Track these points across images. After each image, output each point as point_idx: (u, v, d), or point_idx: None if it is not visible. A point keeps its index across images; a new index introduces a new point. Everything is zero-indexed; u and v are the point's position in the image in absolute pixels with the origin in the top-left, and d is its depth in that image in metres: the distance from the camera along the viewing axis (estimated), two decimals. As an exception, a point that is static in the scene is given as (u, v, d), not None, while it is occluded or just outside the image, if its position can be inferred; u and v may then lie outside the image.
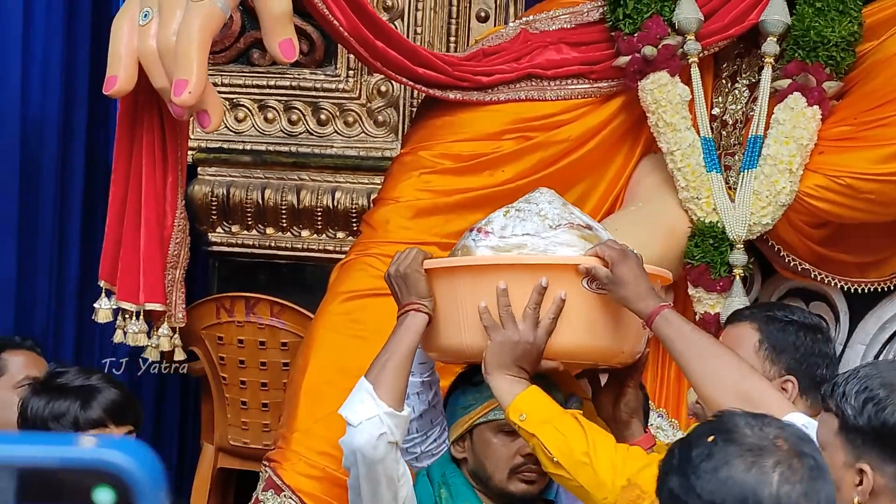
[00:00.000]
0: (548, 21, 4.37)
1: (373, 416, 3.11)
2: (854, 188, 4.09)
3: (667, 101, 4.14)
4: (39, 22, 5.08)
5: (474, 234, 3.36)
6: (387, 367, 3.19)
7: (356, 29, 4.04)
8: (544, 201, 3.33)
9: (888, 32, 4.21)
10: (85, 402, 3.29)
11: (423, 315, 3.24)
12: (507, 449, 3.21)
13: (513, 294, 3.18)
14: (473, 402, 3.27)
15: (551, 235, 3.25)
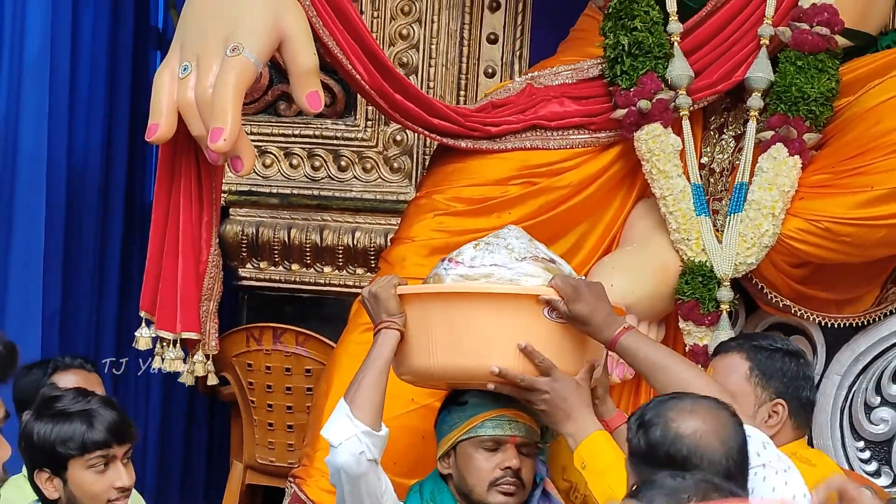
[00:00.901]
0: (551, 76, 4.36)
1: (351, 436, 3.12)
2: (832, 231, 4.07)
3: (660, 150, 4.13)
4: (84, 79, 5.09)
5: (446, 263, 3.38)
6: (362, 386, 3.20)
7: (376, 82, 4.04)
8: (512, 236, 3.36)
9: (863, 89, 4.20)
10: (90, 424, 3.24)
11: (394, 332, 3.26)
12: (487, 463, 3.20)
13: (478, 320, 3.21)
14: (458, 420, 3.26)
15: (517, 266, 3.26)
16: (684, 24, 4.24)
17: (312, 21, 3.86)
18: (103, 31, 5.23)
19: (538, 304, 3.18)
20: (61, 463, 3.20)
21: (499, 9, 5.09)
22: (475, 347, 3.21)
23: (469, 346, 3.22)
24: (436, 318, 3.27)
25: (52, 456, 3.21)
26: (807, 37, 4.15)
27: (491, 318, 3.21)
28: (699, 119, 4.30)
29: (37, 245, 4.70)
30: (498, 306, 3.21)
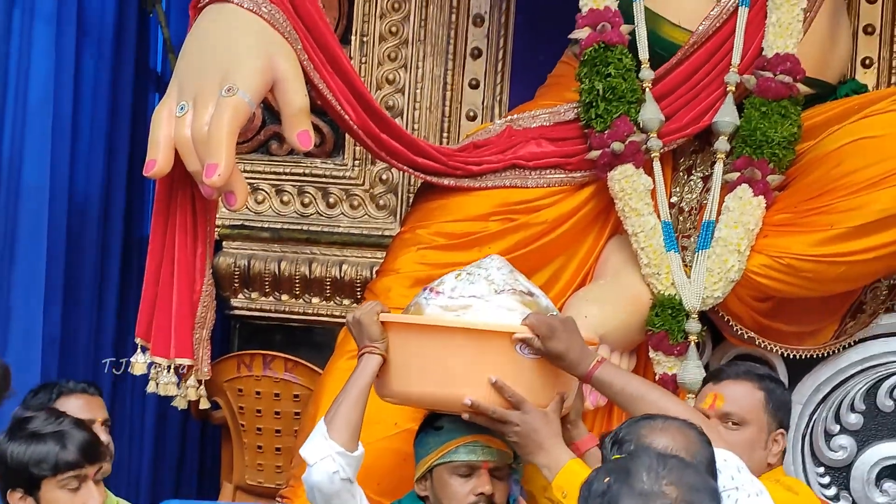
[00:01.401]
0: (529, 119, 4.37)
1: (325, 455, 3.11)
2: (794, 267, 4.07)
3: (632, 189, 4.13)
4: (86, 117, 5.09)
5: (427, 293, 3.36)
6: (340, 408, 3.18)
7: (364, 123, 4.04)
8: (493, 267, 3.33)
9: (823, 134, 4.21)
10: (62, 445, 3.23)
11: (376, 357, 3.23)
12: (462, 488, 3.17)
13: (454, 352, 3.17)
14: (433, 444, 3.23)
15: (495, 299, 3.22)
16: (655, 70, 4.25)
17: (304, 64, 3.85)
18: (105, 73, 5.24)
19: (513, 341, 3.15)
20: (35, 483, 3.19)
21: (480, 56, 5.10)
22: (450, 378, 3.18)
23: (444, 377, 3.19)
24: (414, 348, 3.24)
25: (25, 476, 3.20)
26: (770, 84, 4.16)
27: (466, 352, 3.18)
28: (669, 160, 4.30)
29: (38, 273, 4.70)
30: (473, 341, 3.17)
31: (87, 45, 5.22)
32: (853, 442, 4.30)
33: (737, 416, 3.42)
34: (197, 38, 3.84)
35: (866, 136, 4.08)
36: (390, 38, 5.08)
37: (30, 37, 4.84)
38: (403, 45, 5.07)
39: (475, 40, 5.09)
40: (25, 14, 4.85)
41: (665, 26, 4.29)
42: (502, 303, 3.21)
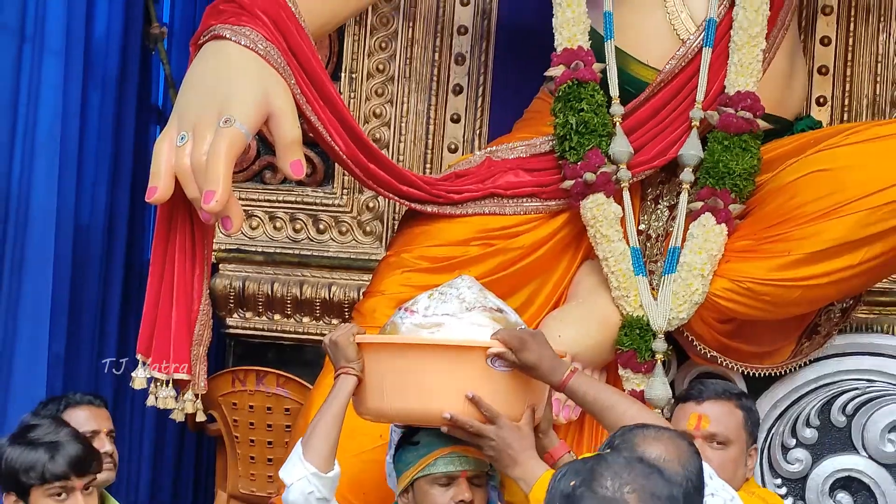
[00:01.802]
0: (507, 151, 4.39)
1: (301, 477, 3.12)
2: (753, 291, 4.09)
3: (603, 217, 4.15)
4: (91, 148, 5.09)
5: (402, 312, 3.35)
6: (315, 430, 3.18)
7: (353, 153, 4.06)
8: (464, 286, 3.32)
9: (781, 167, 4.23)
10: (52, 456, 3.23)
11: (352, 377, 3.23)
12: (442, 497, 3.17)
13: (428, 369, 3.17)
14: (412, 459, 3.23)
15: (466, 316, 3.22)
16: (625, 106, 4.27)
17: (297, 98, 3.86)
18: (109, 106, 5.24)
19: (486, 355, 3.14)
20: (25, 489, 3.21)
21: (461, 92, 5.12)
22: (424, 394, 3.18)
23: (419, 393, 3.19)
24: (390, 365, 3.24)
25: (16, 481, 3.21)
26: (732, 120, 4.19)
27: (440, 368, 3.17)
28: (638, 190, 4.33)
29: (45, 294, 4.69)
30: (446, 357, 3.17)
31: (92, 80, 5.23)
32: (808, 455, 4.35)
33: (722, 436, 3.46)
34: (196, 72, 3.86)
35: (820, 170, 4.10)
36: (377, 75, 5.10)
37: (39, 71, 4.84)
38: (390, 82, 5.09)
39: (456, 77, 5.11)
40: (35, 49, 4.86)
41: (634, 65, 4.32)
42: (473, 319, 3.21)
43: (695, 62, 4.27)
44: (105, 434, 3.85)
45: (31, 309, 4.70)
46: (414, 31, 5.10)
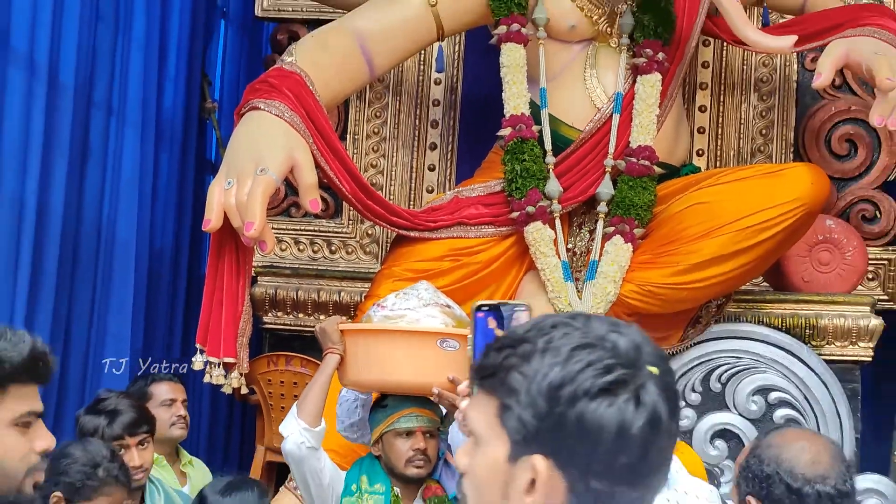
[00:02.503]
0: (470, 191, 4.36)
1: (294, 430, 3.08)
2: (653, 293, 4.10)
3: (541, 239, 4.13)
4: (162, 191, 5.09)
5: (375, 307, 3.35)
6: (307, 395, 3.15)
7: (355, 193, 4.04)
8: (422, 288, 3.32)
9: (671, 201, 4.23)
10: (109, 422, 3.21)
11: (336, 356, 3.21)
12: (403, 447, 3.13)
13: (393, 349, 3.14)
14: (381, 418, 3.20)
15: (423, 310, 3.22)
16: (556, 157, 4.24)
17: (314, 153, 3.86)
18: (175, 162, 5.24)
19: (436, 339, 3.12)
20: None
21: (435, 149, 5.11)
22: (391, 368, 3.16)
23: (387, 367, 3.17)
24: (363, 347, 3.22)
25: None
26: (635, 166, 4.19)
27: (402, 347, 3.16)
28: (566, 219, 4.30)
29: (127, 302, 4.67)
30: (407, 340, 3.16)
31: (162, 142, 5.20)
32: (694, 413, 4.34)
33: None
34: (239, 135, 3.84)
35: (699, 203, 4.12)
36: (374, 136, 5.10)
37: (122, 138, 4.82)
38: (383, 141, 5.09)
39: (432, 138, 5.10)
40: (119, 121, 4.84)
41: (562, 127, 4.29)
42: (428, 312, 3.21)
43: (607, 124, 4.26)
44: (180, 402, 3.87)
45: (116, 314, 4.68)
46: (400, 104, 5.11)
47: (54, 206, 4.30)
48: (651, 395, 1.18)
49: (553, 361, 1.17)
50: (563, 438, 1.15)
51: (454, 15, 4.28)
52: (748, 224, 3.96)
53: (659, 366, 1.21)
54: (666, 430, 1.20)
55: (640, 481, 1.19)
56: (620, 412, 1.16)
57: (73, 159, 4.45)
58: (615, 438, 1.15)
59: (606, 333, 1.20)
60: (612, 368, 1.17)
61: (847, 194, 4.79)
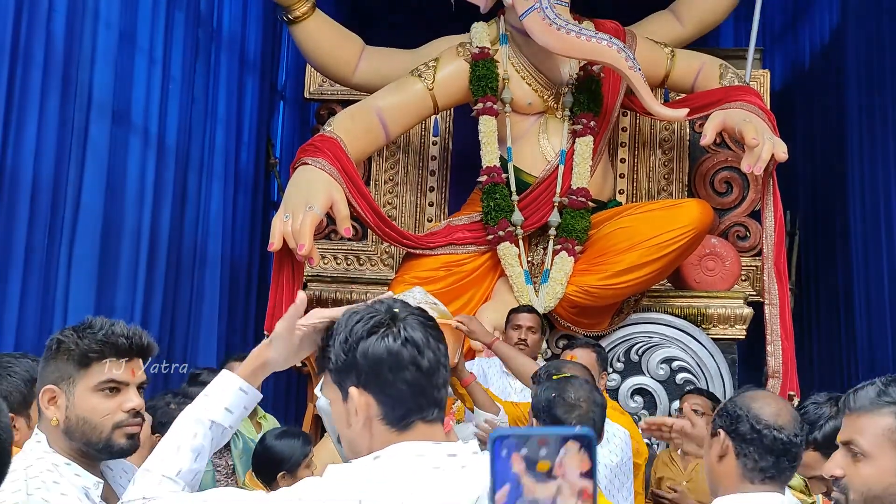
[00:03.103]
0: (458, 221, 4.39)
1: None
2: (589, 292, 4.13)
3: (509, 254, 4.18)
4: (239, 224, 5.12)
5: None
6: None
7: (376, 223, 4.10)
8: (416, 291, 3.02)
9: (601, 226, 4.26)
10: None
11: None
12: None
13: None
14: None
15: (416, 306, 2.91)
16: (519, 195, 4.28)
17: (347, 195, 3.92)
18: (248, 203, 5.28)
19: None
20: None
21: (434, 191, 5.10)
22: None
23: None
24: None
25: None
26: (575, 201, 4.23)
27: None
28: (527, 239, 4.33)
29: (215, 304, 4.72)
30: None
31: (240, 188, 5.25)
32: (619, 377, 4.34)
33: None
34: (294, 182, 3.92)
35: (622, 227, 4.17)
36: (389, 182, 5.09)
37: (210, 185, 4.87)
38: (395, 186, 5.08)
39: (431, 183, 5.09)
40: (208, 174, 4.89)
41: (523, 174, 4.33)
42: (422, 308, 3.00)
43: (555, 172, 4.30)
44: None
45: (207, 312, 4.71)
46: (408, 159, 5.10)
47: (162, 235, 4.36)
48: (406, 331, 1.25)
49: (343, 327, 1.28)
50: (358, 368, 1.24)
51: (446, 96, 4.33)
52: (656, 242, 4.00)
53: (412, 313, 1.28)
54: (427, 346, 1.25)
55: (426, 390, 1.25)
56: (385, 342, 1.24)
57: (175, 201, 4.51)
58: (390, 359, 1.23)
59: (374, 303, 1.30)
60: (374, 318, 1.26)
61: (726, 220, 4.83)
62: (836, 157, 5.62)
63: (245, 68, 5.39)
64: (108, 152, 3.92)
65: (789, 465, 1.63)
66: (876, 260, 5.06)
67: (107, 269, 3.88)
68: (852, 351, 5.28)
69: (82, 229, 3.73)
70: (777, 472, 1.62)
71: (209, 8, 4.88)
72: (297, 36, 4.44)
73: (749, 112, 3.98)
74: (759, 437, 1.62)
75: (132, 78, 4.12)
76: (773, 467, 1.61)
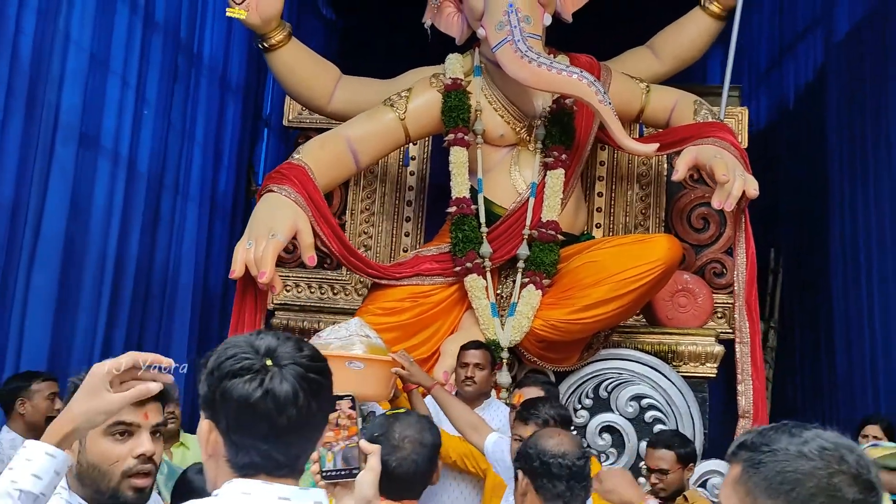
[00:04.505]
0: (427, 251, 4.32)
1: None
2: (556, 326, 4.04)
3: (476, 286, 4.11)
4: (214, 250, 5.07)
5: (315, 336, 3.16)
6: None
7: (341, 251, 4.03)
8: (353, 323, 3.11)
9: (571, 259, 4.18)
10: None
11: None
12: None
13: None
14: None
15: (347, 338, 2.98)
16: (489, 227, 4.23)
17: (312, 223, 3.85)
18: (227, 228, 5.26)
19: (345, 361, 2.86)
20: None
21: (410, 221, 5.06)
22: None
23: None
24: None
25: None
26: (544, 234, 4.17)
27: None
28: (496, 271, 4.27)
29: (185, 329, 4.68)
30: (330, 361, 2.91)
31: (216, 213, 5.24)
32: (588, 413, 4.24)
33: None
34: (258, 209, 3.86)
35: (590, 261, 4.08)
36: (366, 212, 5.05)
37: (184, 216, 4.85)
38: (372, 216, 5.05)
39: (407, 213, 5.06)
40: (183, 198, 4.87)
41: (493, 206, 4.28)
42: (350, 341, 2.98)
43: (525, 204, 4.24)
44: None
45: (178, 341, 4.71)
46: (385, 189, 5.07)
47: (129, 261, 4.33)
48: (272, 382, 1.20)
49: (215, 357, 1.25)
50: (215, 406, 1.22)
51: (417, 126, 4.31)
52: (624, 277, 3.92)
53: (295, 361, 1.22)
54: (292, 404, 1.20)
55: (277, 449, 1.20)
56: (246, 389, 1.20)
57: (145, 226, 4.48)
58: (241, 406, 1.19)
59: (254, 340, 1.26)
60: (246, 361, 1.22)
61: (703, 256, 4.77)
62: (819, 195, 5.57)
63: (227, 94, 5.40)
64: (74, 176, 3.89)
65: (579, 486, 1.84)
66: (856, 298, 5.00)
67: (67, 295, 3.83)
68: (834, 387, 5.20)
69: (42, 254, 3.68)
70: (572, 496, 1.82)
71: (189, 33, 4.89)
72: (273, 64, 4.42)
73: (721, 148, 3.93)
74: (547, 468, 1.83)
75: (103, 101, 4.11)
76: (567, 491, 1.82)
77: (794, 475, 1.03)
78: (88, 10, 3.88)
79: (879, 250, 4.79)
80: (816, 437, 1.07)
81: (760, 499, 1.06)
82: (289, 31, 4.37)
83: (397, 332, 3.90)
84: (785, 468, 1.04)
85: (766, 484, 1.06)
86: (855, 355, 4.95)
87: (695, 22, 4.67)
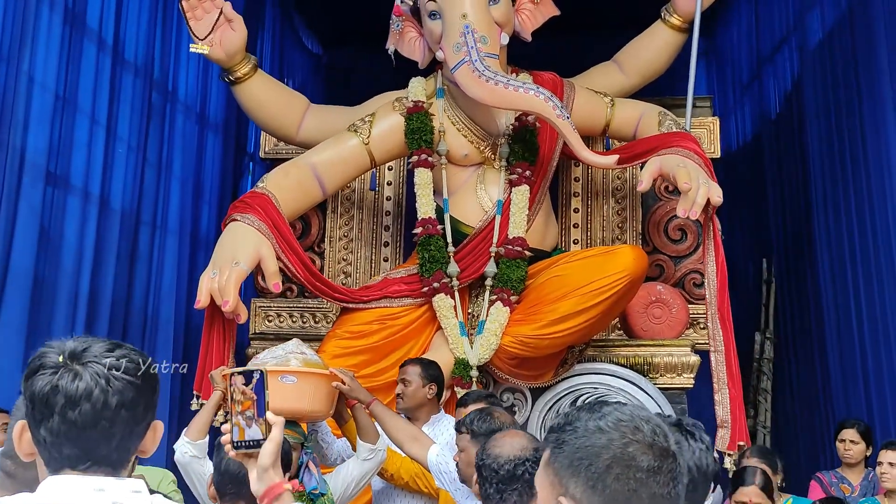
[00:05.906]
0: (396, 273, 4.35)
1: (181, 444, 2.85)
2: (525, 342, 4.02)
3: (445, 307, 4.11)
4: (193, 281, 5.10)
5: (255, 357, 3.10)
6: (194, 420, 2.92)
7: (307, 277, 4.05)
8: (290, 343, 3.04)
9: (539, 275, 4.17)
10: None
11: (218, 392, 2.94)
12: None
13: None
14: None
15: (280, 357, 2.90)
16: (455, 247, 4.23)
17: (276, 251, 3.88)
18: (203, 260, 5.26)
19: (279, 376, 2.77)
20: None
21: (388, 246, 5.05)
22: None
23: None
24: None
25: None
26: (511, 251, 4.17)
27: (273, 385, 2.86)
28: (465, 290, 4.26)
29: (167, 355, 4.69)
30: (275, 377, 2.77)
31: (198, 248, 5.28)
32: (564, 430, 4.20)
33: None
34: (223, 238, 3.90)
35: (556, 276, 4.08)
36: (344, 238, 5.05)
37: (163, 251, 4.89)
38: (350, 242, 5.04)
39: (385, 238, 5.06)
40: (161, 234, 4.92)
41: (460, 225, 4.29)
42: (286, 358, 2.91)
43: (492, 222, 4.25)
44: None
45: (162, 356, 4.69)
46: (362, 215, 5.09)
47: (104, 297, 4.37)
48: (65, 379, 1.20)
49: (32, 357, 1.25)
50: (29, 405, 1.23)
51: (382, 150, 4.34)
52: (590, 289, 3.90)
53: (99, 361, 1.22)
54: (86, 400, 1.20)
55: (79, 434, 1.20)
56: (40, 383, 1.21)
57: (120, 262, 4.53)
58: (37, 401, 1.21)
59: (68, 340, 1.25)
60: (47, 357, 1.22)
61: (681, 267, 4.73)
62: (804, 203, 5.52)
63: (206, 129, 5.48)
64: (42, 214, 3.95)
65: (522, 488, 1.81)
66: (845, 305, 4.92)
67: (37, 331, 3.87)
68: (829, 397, 5.09)
69: (10, 291, 3.74)
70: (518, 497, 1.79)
71: (163, 71, 4.98)
72: (240, 96, 4.50)
73: (684, 157, 3.91)
74: (495, 472, 1.81)
75: (72, 140, 4.19)
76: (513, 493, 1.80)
77: (592, 449, 1.04)
78: (53, 51, 3.98)
79: (863, 255, 4.72)
80: (614, 410, 1.07)
81: (565, 478, 1.05)
82: (254, 63, 4.44)
83: (368, 355, 3.90)
84: (584, 444, 1.05)
85: (567, 462, 1.06)
86: (847, 363, 4.85)
87: (657, 35, 4.69)
